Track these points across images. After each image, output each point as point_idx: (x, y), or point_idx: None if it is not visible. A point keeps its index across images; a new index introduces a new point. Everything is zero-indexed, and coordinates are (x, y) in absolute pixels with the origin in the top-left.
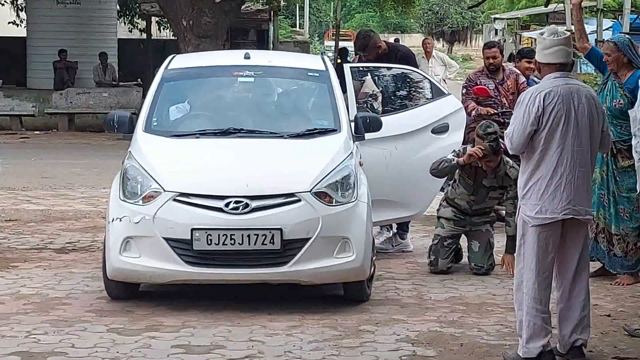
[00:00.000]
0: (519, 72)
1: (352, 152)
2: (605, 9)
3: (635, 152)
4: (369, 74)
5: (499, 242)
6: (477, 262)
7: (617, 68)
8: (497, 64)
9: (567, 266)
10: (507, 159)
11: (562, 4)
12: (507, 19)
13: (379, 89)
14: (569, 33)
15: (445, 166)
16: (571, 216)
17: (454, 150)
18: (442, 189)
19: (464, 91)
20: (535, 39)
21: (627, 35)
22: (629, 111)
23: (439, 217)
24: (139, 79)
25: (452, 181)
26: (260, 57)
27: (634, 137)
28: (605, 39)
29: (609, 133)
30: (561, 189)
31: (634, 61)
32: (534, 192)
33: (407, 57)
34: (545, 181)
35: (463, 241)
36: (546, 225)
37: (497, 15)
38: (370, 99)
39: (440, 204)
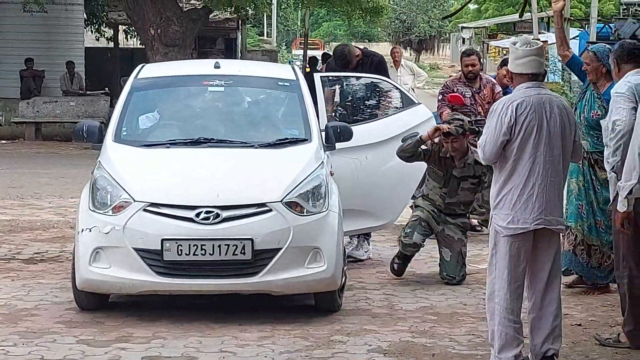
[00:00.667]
0: (495, 81)
1: (323, 161)
2: (572, 18)
3: (606, 163)
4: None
5: (470, 250)
6: (450, 273)
7: (596, 78)
8: (476, 72)
9: (539, 276)
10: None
11: (529, 13)
12: (475, 28)
13: (348, 97)
14: (541, 43)
15: (408, 143)
16: (543, 226)
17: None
18: (413, 197)
19: (439, 97)
20: (502, 48)
21: (607, 45)
22: (600, 121)
23: (417, 206)
24: (106, 88)
25: (425, 179)
26: (230, 67)
27: (605, 147)
28: (588, 48)
29: (581, 143)
30: (533, 199)
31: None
32: (506, 202)
33: (382, 62)
34: (518, 191)
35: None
36: (518, 235)
37: (464, 24)
38: (340, 108)
39: (417, 198)
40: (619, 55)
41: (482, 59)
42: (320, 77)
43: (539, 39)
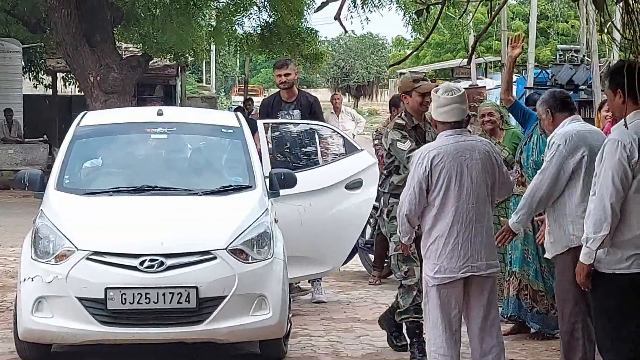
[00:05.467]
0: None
1: (267, 208)
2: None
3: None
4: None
5: None
6: None
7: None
8: None
9: (474, 322)
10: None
11: (465, 60)
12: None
13: (287, 144)
14: (463, 90)
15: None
16: (470, 274)
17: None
18: (354, 250)
19: (375, 142)
20: None
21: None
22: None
23: (391, 218)
24: (45, 135)
25: (391, 169)
26: (173, 114)
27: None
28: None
29: (507, 181)
30: (458, 247)
31: None
32: (432, 251)
33: (317, 102)
34: (442, 240)
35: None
36: (446, 284)
37: (403, 70)
38: (280, 155)
39: (389, 202)
40: (553, 105)
41: None
42: (264, 123)
43: (475, 85)
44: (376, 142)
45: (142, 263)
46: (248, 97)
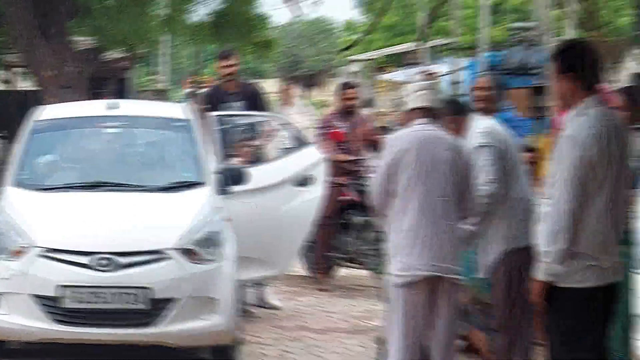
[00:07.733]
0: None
1: (218, 206)
2: (460, 48)
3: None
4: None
5: (361, 306)
6: None
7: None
8: (355, 105)
9: (437, 331)
10: None
11: (414, 43)
12: (365, 60)
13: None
14: (438, 80)
15: None
16: (437, 274)
17: None
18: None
19: (318, 132)
20: (392, 83)
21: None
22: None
23: None
24: (5, 131)
25: None
26: (125, 107)
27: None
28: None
29: (474, 199)
30: (426, 243)
31: None
32: (399, 248)
33: (261, 91)
34: (410, 235)
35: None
36: (412, 284)
37: (353, 57)
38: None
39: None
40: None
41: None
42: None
43: (428, 71)
44: (319, 132)
45: (93, 261)
46: (190, 89)
